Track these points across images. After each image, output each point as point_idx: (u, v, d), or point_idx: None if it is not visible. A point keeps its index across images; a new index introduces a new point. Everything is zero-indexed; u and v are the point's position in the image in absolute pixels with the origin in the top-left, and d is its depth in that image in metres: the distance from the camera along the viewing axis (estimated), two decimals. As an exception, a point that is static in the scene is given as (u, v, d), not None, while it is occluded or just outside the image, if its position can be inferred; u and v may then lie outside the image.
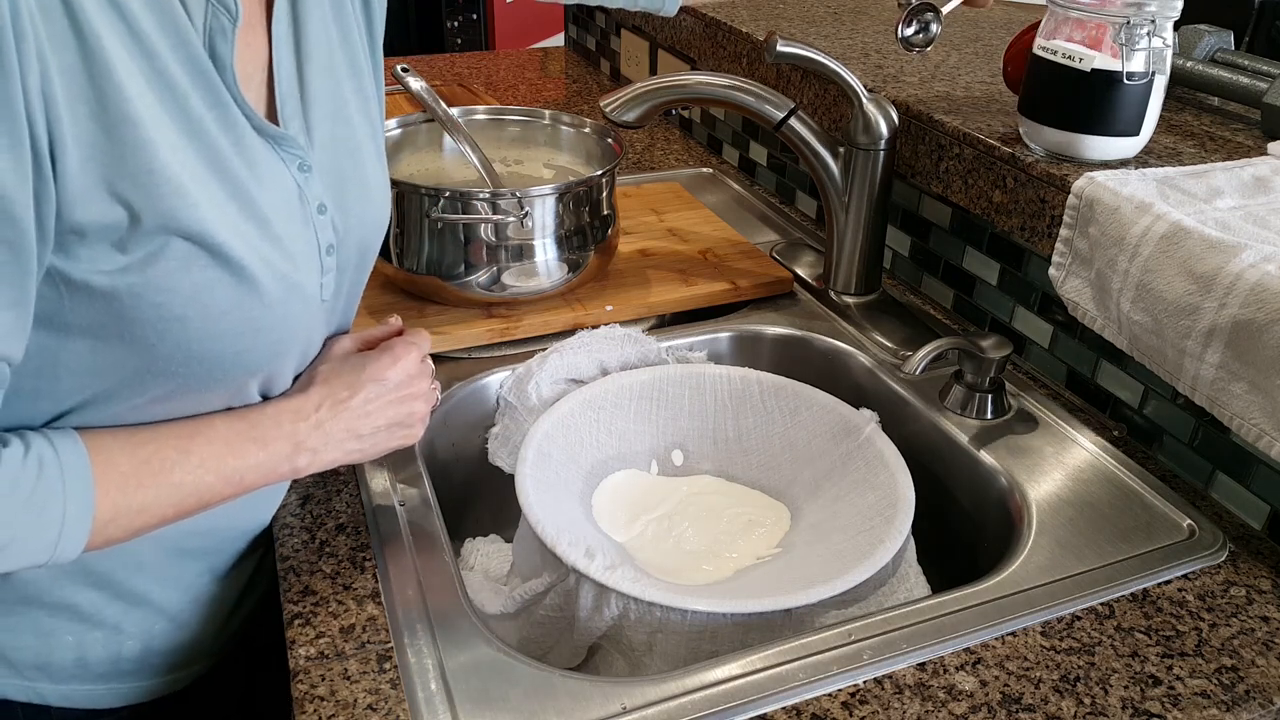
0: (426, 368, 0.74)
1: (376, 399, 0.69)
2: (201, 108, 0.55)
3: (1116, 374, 0.88)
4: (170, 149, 0.53)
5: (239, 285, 0.58)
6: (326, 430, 0.66)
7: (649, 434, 0.90)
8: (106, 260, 0.53)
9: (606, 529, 0.82)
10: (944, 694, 0.61)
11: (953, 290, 1.06)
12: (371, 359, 0.70)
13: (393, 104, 1.63)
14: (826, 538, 0.78)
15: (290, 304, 0.62)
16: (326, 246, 0.66)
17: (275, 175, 0.61)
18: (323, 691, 0.60)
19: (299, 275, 0.62)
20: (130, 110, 0.51)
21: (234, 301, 0.58)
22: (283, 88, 0.63)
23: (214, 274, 0.56)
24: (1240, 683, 0.63)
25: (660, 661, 0.69)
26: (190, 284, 0.55)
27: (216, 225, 0.55)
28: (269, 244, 0.59)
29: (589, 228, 1.00)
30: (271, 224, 0.60)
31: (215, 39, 0.56)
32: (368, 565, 0.70)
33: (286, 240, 0.61)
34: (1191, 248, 0.72)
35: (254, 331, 0.60)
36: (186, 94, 0.54)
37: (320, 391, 0.67)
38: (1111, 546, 0.73)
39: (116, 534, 0.58)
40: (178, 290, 0.55)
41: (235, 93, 0.57)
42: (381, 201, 0.72)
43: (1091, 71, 0.81)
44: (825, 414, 0.87)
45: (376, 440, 0.70)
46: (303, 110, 0.64)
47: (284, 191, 0.62)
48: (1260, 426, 0.69)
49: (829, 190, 1.02)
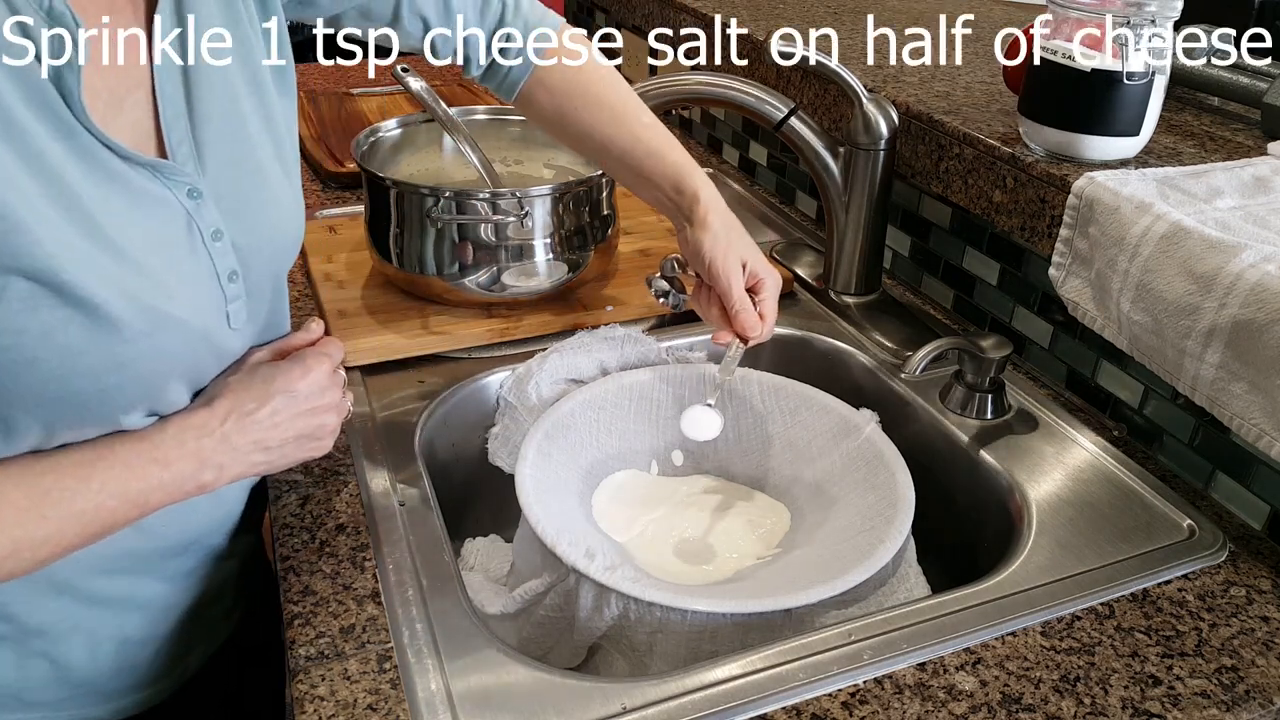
0: (338, 379, 0.72)
1: (285, 410, 0.67)
2: (45, 140, 0.53)
3: (1117, 374, 0.88)
4: (7, 185, 0.51)
5: (94, 324, 0.55)
6: (232, 444, 0.64)
7: (649, 434, 0.90)
8: None
9: (606, 529, 0.82)
10: (944, 694, 0.61)
11: (953, 290, 1.06)
12: (281, 370, 0.68)
13: (393, 104, 1.63)
14: (826, 538, 0.78)
15: (161, 337, 0.59)
16: (228, 273, 0.64)
17: (154, 204, 0.59)
18: (323, 691, 0.60)
19: (173, 306, 0.59)
20: None
21: (90, 340, 0.56)
22: (167, 112, 0.60)
23: (64, 313, 0.54)
24: (1240, 683, 0.63)
25: (660, 661, 0.69)
26: (39, 324, 0.53)
27: (62, 262, 0.53)
28: (132, 276, 0.57)
29: (589, 228, 1.00)
30: (133, 256, 0.57)
31: (62, 71, 0.53)
32: (368, 565, 0.70)
33: (160, 272, 0.59)
34: (1191, 248, 0.72)
35: (117, 368, 0.58)
36: (26, 128, 0.52)
37: (226, 404, 0.65)
38: (1111, 546, 0.73)
39: (18, 567, 0.57)
40: (26, 331, 0.53)
41: (87, 122, 0.55)
42: (291, 220, 0.70)
43: (1091, 71, 0.81)
44: (825, 414, 0.87)
45: (285, 452, 0.68)
46: (192, 133, 0.62)
47: (164, 220, 0.60)
48: (1260, 426, 0.69)
49: (829, 190, 1.02)
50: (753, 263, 0.83)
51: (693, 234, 0.82)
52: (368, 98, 1.66)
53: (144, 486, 0.61)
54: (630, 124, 0.85)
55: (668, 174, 0.84)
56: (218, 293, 0.64)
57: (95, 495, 0.59)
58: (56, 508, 0.57)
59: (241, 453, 0.65)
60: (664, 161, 0.84)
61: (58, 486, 0.58)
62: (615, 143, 0.85)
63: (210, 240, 0.63)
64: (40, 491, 0.57)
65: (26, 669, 0.68)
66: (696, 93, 0.99)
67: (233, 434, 0.64)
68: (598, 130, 0.85)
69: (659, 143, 0.85)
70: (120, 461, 0.60)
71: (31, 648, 0.67)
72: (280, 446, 0.67)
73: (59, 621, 0.68)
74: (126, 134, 0.59)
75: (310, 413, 0.68)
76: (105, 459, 0.60)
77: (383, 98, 1.66)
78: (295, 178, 0.71)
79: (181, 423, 0.63)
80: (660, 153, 0.84)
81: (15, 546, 0.56)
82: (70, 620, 0.68)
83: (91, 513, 0.59)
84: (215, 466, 0.64)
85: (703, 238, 0.82)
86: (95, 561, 0.67)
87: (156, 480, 0.61)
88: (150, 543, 0.69)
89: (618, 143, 0.85)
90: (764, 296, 0.83)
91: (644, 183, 0.85)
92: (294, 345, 0.72)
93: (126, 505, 0.60)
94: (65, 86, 0.53)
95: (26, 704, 0.69)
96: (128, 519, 0.61)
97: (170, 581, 0.73)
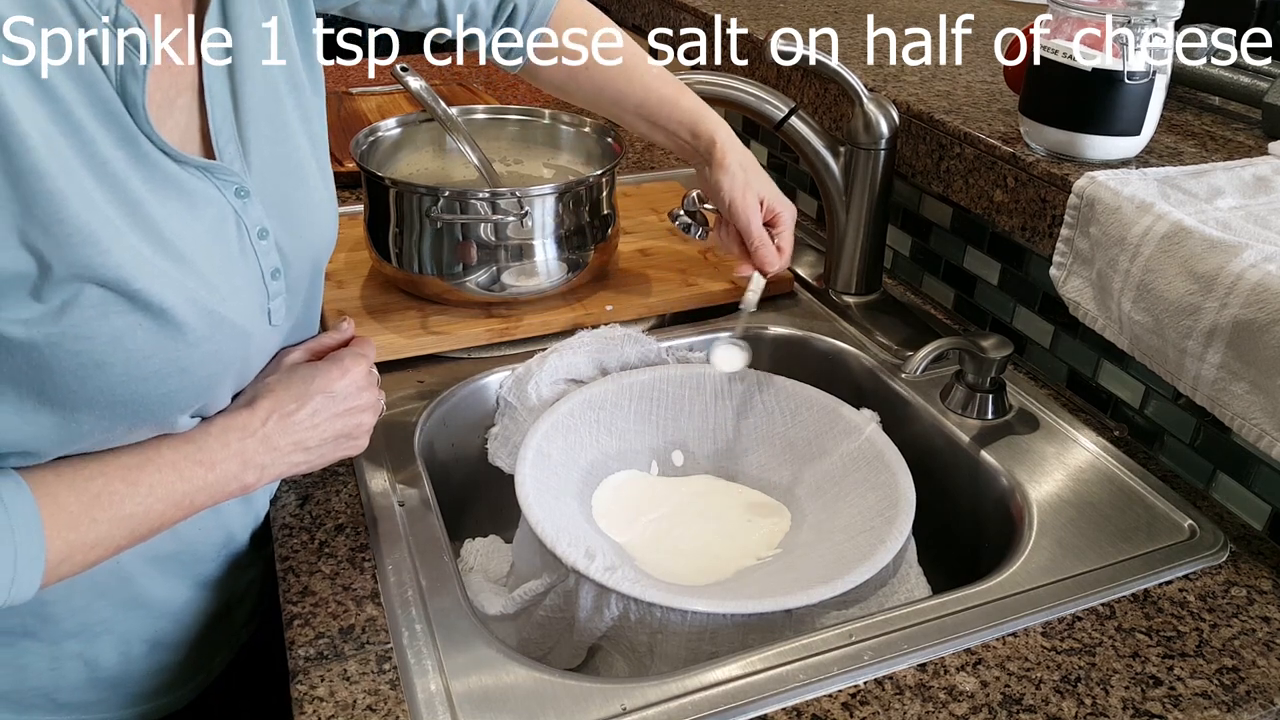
0: (374, 378, 0.73)
1: (324, 411, 0.68)
2: (109, 148, 0.54)
3: (1117, 374, 0.87)
4: (80, 196, 0.51)
5: (160, 328, 0.56)
6: (273, 444, 0.65)
7: (649, 434, 0.90)
8: (21, 310, 0.51)
9: (606, 529, 0.81)
10: (945, 695, 0.61)
11: (953, 290, 1.06)
12: (320, 370, 0.68)
13: (392, 103, 1.63)
14: (827, 538, 0.78)
15: (218, 339, 0.60)
16: (271, 271, 0.64)
17: (205, 205, 0.59)
18: (322, 692, 0.60)
19: (226, 308, 0.60)
20: (35, 161, 0.49)
21: (155, 345, 0.56)
22: (216, 112, 0.61)
23: (133, 318, 0.55)
24: (1241, 683, 0.63)
25: (660, 662, 0.68)
26: (109, 330, 0.54)
27: (133, 270, 0.54)
28: (192, 281, 0.58)
29: (589, 227, 1.00)
30: (192, 260, 0.58)
31: (126, 79, 0.54)
32: (367, 565, 0.70)
33: (212, 274, 0.59)
34: (1192, 247, 0.71)
35: (180, 372, 0.58)
36: (93, 137, 0.53)
37: (267, 405, 0.66)
38: (1112, 547, 0.73)
39: (70, 570, 0.57)
40: (96, 337, 0.54)
41: (147, 129, 0.55)
42: (327, 219, 0.71)
43: (1092, 71, 0.81)
44: (826, 414, 0.87)
45: (323, 452, 0.69)
46: (239, 134, 0.62)
47: (215, 221, 0.60)
48: (1261, 426, 0.69)
49: (829, 190, 1.02)
50: (770, 198, 0.89)
51: (712, 174, 0.89)
52: (367, 97, 1.66)
53: (189, 489, 0.61)
54: (641, 76, 0.89)
55: (684, 120, 0.90)
56: (262, 291, 0.64)
57: (144, 499, 0.59)
58: (106, 511, 0.58)
59: (282, 453, 0.66)
60: (678, 108, 0.90)
61: (107, 490, 0.58)
62: (628, 97, 0.90)
63: (256, 239, 0.63)
64: (90, 496, 0.57)
65: (60, 670, 0.68)
66: (697, 92, 0.98)
67: (274, 434, 0.65)
68: (610, 86, 0.90)
69: (670, 90, 0.90)
70: (167, 464, 0.60)
71: (66, 649, 0.68)
72: (319, 446, 0.68)
73: (95, 623, 0.68)
74: (176, 136, 0.59)
75: (348, 413, 0.69)
76: (153, 462, 0.60)
77: (382, 97, 1.66)
78: (329, 175, 0.72)
79: (224, 424, 0.64)
80: (673, 99, 0.90)
81: (69, 550, 0.56)
82: (105, 622, 0.68)
83: (140, 515, 0.59)
84: (258, 467, 0.65)
85: (721, 178, 0.88)
86: (133, 565, 0.67)
87: (201, 482, 0.62)
88: (186, 546, 0.70)
89: (631, 97, 0.90)
90: (781, 230, 0.90)
91: (660, 130, 0.91)
92: (327, 345, 0.73)
93: (173, 507, 0.61)
94: (129, 93, 0.54)
95: (59, 705, 0.69)
96: (173, 520, 0.62)
97: (201, 586, 0.74)
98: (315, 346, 0.73)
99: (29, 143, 0.49)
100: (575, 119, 1.12)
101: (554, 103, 1.53)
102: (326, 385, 0.68)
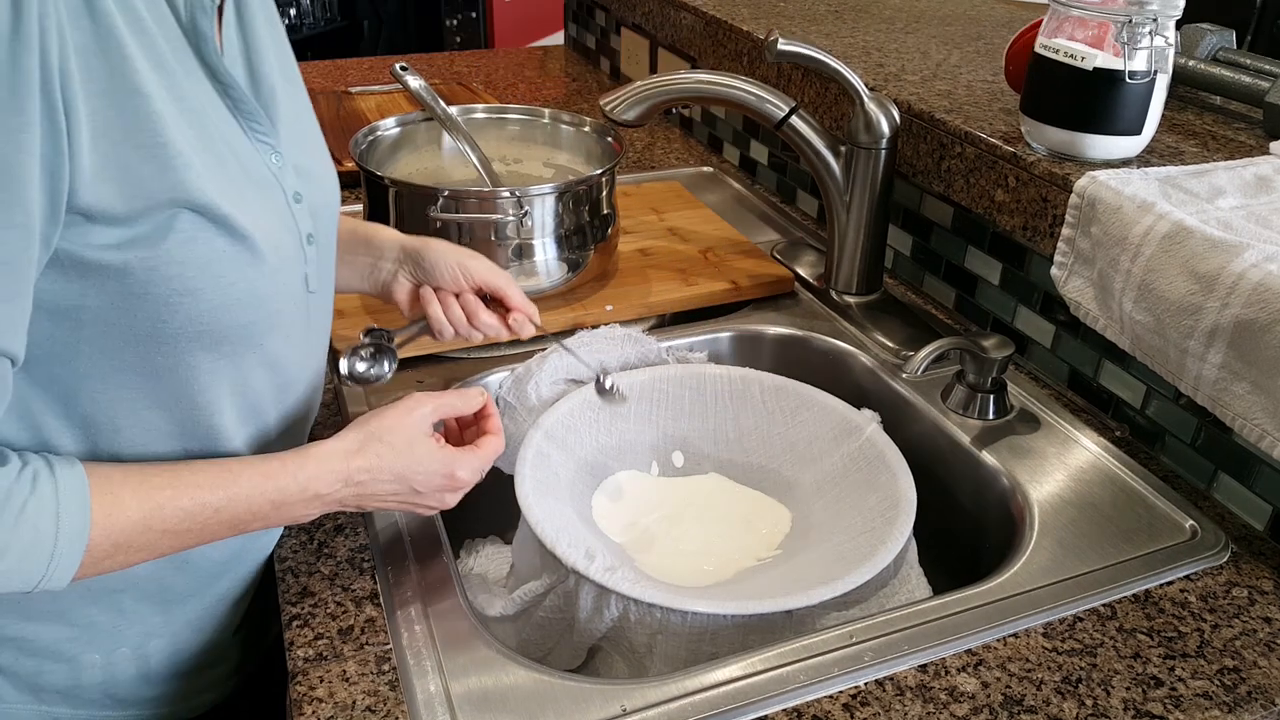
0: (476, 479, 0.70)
1: (403, 495, 0.67)
2: (187, 82, 0.56)
3: (1119, 374, 0.87)
4: (175, 120, 0.54)
5: (244, 254, 0.58)
6: (344, 501, 0.65)
7: (649, 434, 0.89)
8: (117, 235, 0.53)
9: (606, 530, 0.81)
10: (945, 695, 0.61)
11: (954, 290, 1.06)
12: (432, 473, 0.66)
13: (392, 102, 1.63)
14: (827, 539, 0.78)
15: (284, 274, 0.62)
16: (306, 236, 0.65)
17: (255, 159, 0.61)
18: (321, 693, 0.60)
19: (289, 251, 0.62)
20: (141, 83, 0.52)
21: (240, 272, 0.58)
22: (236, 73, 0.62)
23: (221, 244, 0.57)
24: (1242, 684, 0.63)
25: (660, 663, 0.68)
26: (200, 255, 0.56)
27: (220, 196, 0.56)
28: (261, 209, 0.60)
29: (589, 227, 0.99)
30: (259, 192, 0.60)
31: (196, 14, 0.56)
32: (366, 566, 0.70)
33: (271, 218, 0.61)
34: (1194, 247, 0.71)
35: (257, 302, 0.60)
36: (174, 69, 0.55)
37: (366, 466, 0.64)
38: (1113, 547, 0.73)
39: (110, 567, 0.57)
40: (189, 262, 0.56)
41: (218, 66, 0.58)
42: (335, 184, 0.72)
43: (1093, 70, 0.81)
44: (826, 414, 0.86)
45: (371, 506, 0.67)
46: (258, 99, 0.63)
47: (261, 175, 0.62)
48: (1262, 427, 0.69)
49: (830, 189, 1.01)
50: None
51: (427, 259, 0.79)
52: (366, 96, 1.66)
53: (251, 520, 0.61)
54: None
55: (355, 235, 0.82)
56: (301, 255, 0.65)
57: (205, 520, 0.59)
58: (164, 523, 0.58)
59: (342, 503, 0.65)
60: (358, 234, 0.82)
61: (171, 504, 0.58)
62: None
63: (293, 202, 0.64)
64: (154, 505, 0.57)
65: (114, 668, 0.68)
66: (697, 92, 0.98)
67: (350, 499, 0.65)
68: None
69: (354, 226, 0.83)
70: (242, 496, 0.60)
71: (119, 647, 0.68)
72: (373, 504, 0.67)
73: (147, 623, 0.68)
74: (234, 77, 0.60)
75: (419, 504, 0.68)
76: (226, 488, 0.60)
77: (381, 96, 1.66)
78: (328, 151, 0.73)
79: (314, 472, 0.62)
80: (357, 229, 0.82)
81: (114, 549, 0.56)
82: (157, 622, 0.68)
83: (195, 532, 0.59)
84: (318, 510, 0.64)
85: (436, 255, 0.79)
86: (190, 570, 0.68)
87: (265, 517, 0.62)
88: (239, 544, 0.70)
89: None
90: None
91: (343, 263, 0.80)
92: (459, 411, 0.71)
93: (227, 529, 0.61)
94: (199, 29, 0.57)
95: (118, 700, 0.70)
96: (223, 538, 0.62)
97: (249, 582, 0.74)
98: (447, 410, 0.70)
99: (135, 64, 0.52)
100: (575, 118, 1.12)
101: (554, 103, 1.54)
102: (424, 486, 0.66)
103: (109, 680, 0.68)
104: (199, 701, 0.74)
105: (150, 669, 0.70)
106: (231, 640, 0.74)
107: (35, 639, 0.65)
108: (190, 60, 0.57)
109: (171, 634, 0.70)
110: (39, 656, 0.65)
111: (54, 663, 0.66)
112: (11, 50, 0.46)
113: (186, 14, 0.56)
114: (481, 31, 3.38)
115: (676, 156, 1.50)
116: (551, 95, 1.79)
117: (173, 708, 0.72)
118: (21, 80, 0.47)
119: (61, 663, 0.66)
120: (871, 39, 1.29)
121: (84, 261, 0.53)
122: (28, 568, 0.53)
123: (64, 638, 0.66)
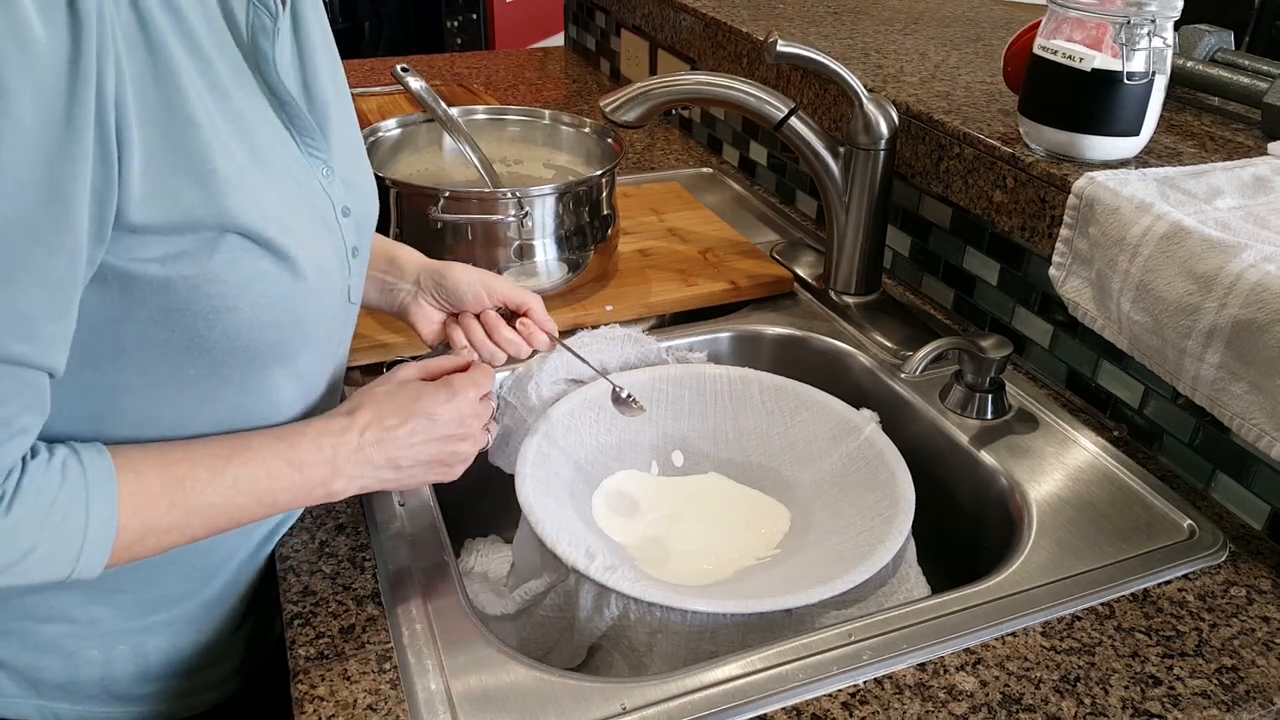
0: (485, 408, 0.71)
1: (423, 432, 0.66)
2: (244, 102, 0.57)
3: (1117, 374, 0.87)
4: (224, 148, 0.54)
5: (285, 274, 0.58)
6: (366, 456, 0.64)
7: (649, 434, 0.90)
8: (161, 250, 0.53)
9: (606, 529, 0.81)
10: (944, 694, 0.61)
11: (953, 290, 1.06)
12: (428, 391, 0.67)
13: (393, 104, 1.63)
14: (827, 538, 0.78)
15: (324, 295, 0.62)
16: (352, 249, 0.66)
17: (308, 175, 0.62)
18: (322, 692, 0.60)
19: (331, 268, 0.63)
20: (193, 112, 0.52)
21: (280, 291, 0.59)
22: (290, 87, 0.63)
23: (265, 265, 0.57)
24: (1240, 683, 0.63)
25: (660, 662, 0.69)
26: (242, 274, 0.56)
27: (267, 220, 0.56)
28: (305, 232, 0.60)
29: (589, 228, 1.00)
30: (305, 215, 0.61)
31: (258, 36, 0.57)
32: (367, 565, 0.70)
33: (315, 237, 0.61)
34: (1192, 248, 0.72)
35: (294, 320, 0.60)
36: (230, 91, 0.56)
37: (368, 414, 0.65)
38: (1112, 547, 0.73)
39: (142, 552, 0.57)
40: (231, 281, 0.56)
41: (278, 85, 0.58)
42: (375, 201, 0.72)
43: (1092, 71, 0.81)
44: (825, 414, 0.87)
45: (414, 473, 0.68)
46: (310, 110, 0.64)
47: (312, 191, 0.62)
48: (1260, 426, 0.69)
49: (829, 190, 1.02)
50: None
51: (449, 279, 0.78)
52: (367, 97, 1.66)
53: (274, 486, 0.61)
54: None
55: None
56: (345, 269, 0.65)
57: (227, 489, 0.59)
58: (187, 497, 0.58)
59: (373, 466, 0.65)
60: None
61: (190, 476, 0.58)
62: None
63: (341, 217, 0.64)
64: (174, 479, 0.58)
65: (112, 665, 0.68)
66: (696, 92, 0.99)
67: (369, 446, 0.65)
68: None
69: None
70: (256, 458, 0.60)
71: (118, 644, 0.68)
72: (410, 467, 0.67)
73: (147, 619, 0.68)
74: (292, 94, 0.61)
75: (446, 439, 0.68)
76: (241, 454, 0.60)
77: (382, 97, 1.66)
78: None
79: (321, 426, 0.64)
80: None
81: (144, 530, 0.56)
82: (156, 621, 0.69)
83: (221, 506, 0.59)
84: (347, 476, 0.64)
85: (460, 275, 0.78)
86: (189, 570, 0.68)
87: (288, 481, 0.62)
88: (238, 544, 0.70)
89: None
90: None
91: None
92: (444, 368, 0.72)
93: (255, 503, 0.61)
94: (260, 49, 0.57)
95: (117, 697, 0.70)
96: (254, 517, 0.62)
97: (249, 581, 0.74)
98: (432, 367, 0.71)
99: (188, 94, 0.52)
100: (575, 119, 1.12)
101: (554, 104, 1.54)
102: (432, 407, 0.67)
103: (107, 677, 0.68)
104: (200, 700, 0.74)
105: (149, 666, 0.70)
106: (232, 640, 0.74)
107: (35, 633, 0.65)
108: (249, 81, 0.57)
109: (171, 633, 0.70)
110: (38, 651, 0.66)
111: (53, 657, 0.66)
112: (70, 81, 0.46)
113: (249, 35, 0.57)
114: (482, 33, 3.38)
115: (676, 157, 1.51)
116: (552, 96, 1.79)
117: (172, 705, 0.72)
118: (79, 111, 0.47)
119: (60, 658, 0.66)
120: (870, 40, 1.29)
121: (128, 275, 0.53)
122: (60, 557, 0.53)
123: (63, 633, 0.66)
